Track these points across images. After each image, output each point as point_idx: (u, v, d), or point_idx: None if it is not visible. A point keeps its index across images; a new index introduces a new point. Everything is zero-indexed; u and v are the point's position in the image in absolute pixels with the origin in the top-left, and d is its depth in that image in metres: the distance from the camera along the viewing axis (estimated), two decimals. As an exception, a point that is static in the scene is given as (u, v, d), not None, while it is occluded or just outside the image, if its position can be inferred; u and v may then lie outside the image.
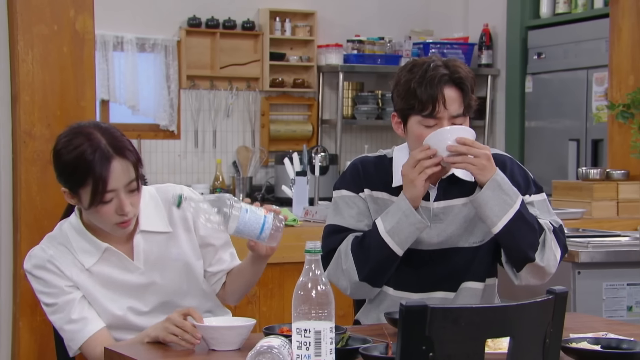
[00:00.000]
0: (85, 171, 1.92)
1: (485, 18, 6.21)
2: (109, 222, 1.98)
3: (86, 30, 2.85)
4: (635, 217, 3.90)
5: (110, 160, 1.93)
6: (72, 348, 2.04)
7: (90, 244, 2.03)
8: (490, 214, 2.04)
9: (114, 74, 5.68)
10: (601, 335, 1.92)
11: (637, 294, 3.10)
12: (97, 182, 1.92)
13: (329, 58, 6.13)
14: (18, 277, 2.77)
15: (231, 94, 6.03)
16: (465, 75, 2.09)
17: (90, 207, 1.96)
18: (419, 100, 2.08)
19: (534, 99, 5.85)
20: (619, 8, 4.10)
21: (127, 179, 1.95)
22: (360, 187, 2.20)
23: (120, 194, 1.95)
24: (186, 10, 5.89)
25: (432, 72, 2.08)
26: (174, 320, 1.88)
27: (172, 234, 2.09)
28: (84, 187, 1.94)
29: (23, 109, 2.78)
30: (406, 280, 2.17)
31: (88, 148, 1.93)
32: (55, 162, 1.99)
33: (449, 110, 2.08)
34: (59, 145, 1.99)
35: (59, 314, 2.02)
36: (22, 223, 2.77)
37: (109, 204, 1.95)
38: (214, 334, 1.86)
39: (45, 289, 2.02)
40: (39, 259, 2.03)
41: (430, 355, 1.40)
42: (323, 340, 1.56)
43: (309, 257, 1.59)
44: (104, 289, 2.04)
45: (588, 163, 5.33)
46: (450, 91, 2.08)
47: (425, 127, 2.10)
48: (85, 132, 1.96)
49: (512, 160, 2.22)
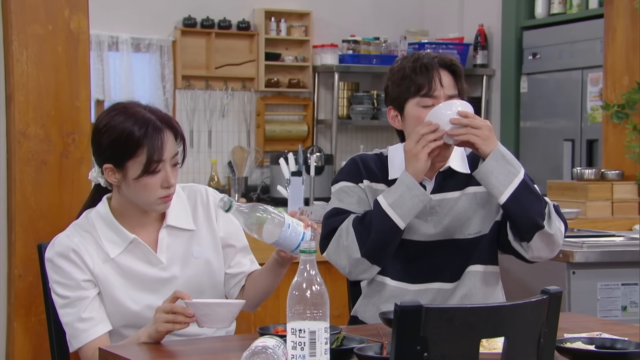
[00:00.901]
0: (139, 140, 1.97)
1: (481, 18, 6.21)
2: (153, 195, 2.00)
3: (81, 30, 2.84)
4: (630, 217, 3.90)
5: (163, 130, 1.99)
6: (73, 346, 2.03)
7: (117, 234, 2.04)
8: (497, 182, 2.06)
9: (109, 74, 5.67)
10: (595, 335, 1.92)
11: (631, 294, 3.11)
12: (152, 151, 1.97)
13: (324, 58, 6.14)
14: (13, 278, 2.76)
15: (226, 94, 6.03)
16: (455, 62, 2.17)
17: (140, 177, 1.98)
18: (415, 82, 2.14)
19: (529, 99, 5.86)
20: (614, 9, 4.11)
21: (174, 151, 2.02)
22: (359, 179, 2.23)
23: (167, 166, 2.00)
24: (181, 11, 5.89)
25: (425, 59, 2.16)
26: (163, 308, 1.89)
27: (196, 232, 2.11)
28: (134, 158, 1.97)
29: (17, 109, 2.78)
30: (403, 271, 2.19)
31: (139, 120, 1.99)
32: (102, 137, 2.01)
33: (445, 90, 2.14)
34: (104, 120, 2.02)
35: (69, 308, 2.01)
36: (16, 223, 2.76)
37: (157, 175, 1.99)
38: (205, 310, 1.86)
39: (61, 279, 2.01)
40: (63, 247, 2.03)
41: (424, 355, 1.40)
42: (318, 341, 1.56)
43: (303, 257, 1.59)
44: (124, 280, 2.04)
45: (583, 163, 5.34)
46: (444, 74, 2.15)
47: (423, 108, 2.14)
48: (130, 108, 2.03)
49: None
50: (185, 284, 2.07)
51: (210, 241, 2.13)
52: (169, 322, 1.87)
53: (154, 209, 2.04)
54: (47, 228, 2.84)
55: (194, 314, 1.87)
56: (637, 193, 3.97)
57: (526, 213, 2.08)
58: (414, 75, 2.13)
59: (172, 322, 1.87)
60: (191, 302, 1.88)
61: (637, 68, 4.00)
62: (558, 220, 2.15)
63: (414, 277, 2.20)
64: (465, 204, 2.19)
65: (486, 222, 2.21)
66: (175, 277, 2.08)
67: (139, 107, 2.03)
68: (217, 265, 2.13)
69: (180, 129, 2.04)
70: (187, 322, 1.87)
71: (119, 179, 2.02)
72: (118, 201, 2.06)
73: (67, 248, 2.02)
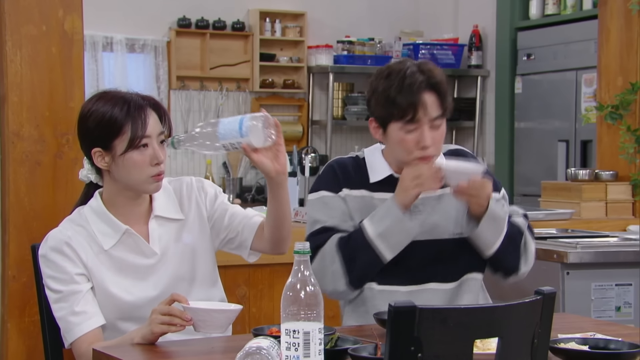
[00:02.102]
0: (124, 117, 2.00)
1: (475, 19, 6.22)
2: (144, 173, 2.02)
3: (75, 30, 2.84)
4: (624, 217, 3.91)
5: (145, 107, 2.03)
6: (67, 340, 2.03)
7: (109, 225, 2.06)
8: (485, 242, 2.18)
9: (103, 75, 5.67)
10: (589, 335, 1.92)
11: (625, 294, 3.11)
12: (136, 126, 1.99)
13: (319, 59, 6.14)
14: (6, 279, 2.76)
15: (221, 95, 6.02)
16: (440, 80, 2.15)
17: (126, 152, 2.00)
18: (399, 107, 2.12)
19: (523, 100, 5.87)
20: (608, 10, 4.12)
21: (159, 129, 2.04)
22: (338, 187, 2.23)
23: (153, 142, 2.02)
24: (176, 11, 5.88)
25: (410, 79, 2.12)
26: (159, 310, 1.89)
27: (185, 220, 2.12)
28: (120, 136, 2.00)
29: (11, 109, 2.77)
30: (391, 273, 2.18)
31: (120, 100, 2.03)
32: (87, 122, 2.05)
33: (429, 115, 2.13)
34: (87, 106, 2.06)
35: (63, 302, 2.01)
36: (10, 224, 2.75)
37: (145, 151, 2.01)
38: (204, 316, 1.86)
39: (55, 273, 2.02)
40: (56, 241, 2.04)
41: (418, 356, 1.40)
42: (312, 341, 1.56)
43: (298, 258, 1.59)
44: (118, 272, 2.05)
45: (577, 164, 5.35)
46: (428, 96, 2.13)
47: (406, 133, 2.14)
48: (113, 92, 2.07)
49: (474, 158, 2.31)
50: (177, 272, 2.08)
51: (200, 229, 2.14)
52: (164, 324, 1.87)
53: (146, 188, 2.05)
54: (41, 229, 2.83)
55: (191, 318, 1.86)
56: (631, 194, 3.97)
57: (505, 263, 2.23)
58: (398, 99, 2.11)
59: (167, 324, 1.87)
60: (189, 307, 1.88)
61: (631, 69, 4.01)
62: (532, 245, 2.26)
63: (404, 279, 2.19)
64: (449, 203, 2.21)
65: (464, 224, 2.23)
66: (166, 265, 2.09)
67: (122, 91, 2.07)
68: (206, 253, 2.14)
69: (163, 107, 2.07)
70: (184, 325, 1.87)
71: (109, 162, 2.04)
72: (109, 191, 2.08)
73: (60, 242, 2.03)
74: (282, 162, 2.00)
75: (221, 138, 1.95)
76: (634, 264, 3.12)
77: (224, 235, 2.17)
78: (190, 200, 2.14)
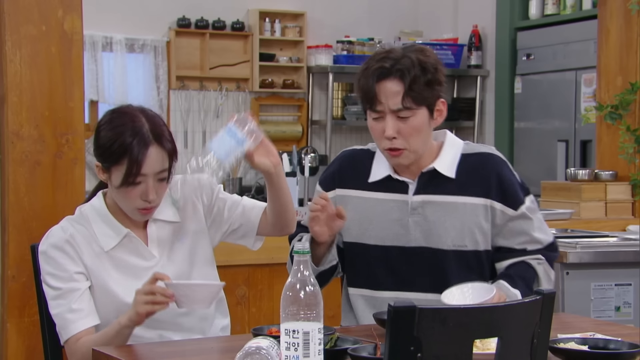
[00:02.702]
0: (123, 151, 1.97)
1: (475, 19, 6.22)
2: (132, 205, 2.02)
3: (74, 30, 2.84)
4: (623, 217, 3.91)
5: (148, 145, 1.98)
6: (63, 337, 2.04)
7: (111, 228, 2.07)
8: None
9: (102, 75, 5.67)
10: (589, 335, 1.92)
11: (625, 294, 3.11)
12: (132, 164, 1.97)
13: (318, 59, 6.14)
14: (6, 279, 2.76)
15: (221, 95, 6.02)
16: (407, 66, 2.03)
17: (119, 187, 2.00)
18: (362, 93, 2.08)
19: (523, 100, 5.87)
20: (607, 10, 4.12)
21: (160, 168, 2.01)
22: (332, 186, 2.23)
23: (149, 181, 2.00)
24: (175, 11, 5.88)
25: (372, 65, 2.06)
26: (142, 290, 1.91)
27: (182, 223, 2.13)
28: (117, 166, 1.99)
29: (11, 109, 2.77)
30: (382, 279, 2.15)
31: (130, 129, 1.99)
32: (96, 137, 2.04)
33: (388, 105, 2.05)
34: (103, 120, 2.05)
35: (61, 300, 2.02)
36: (9, 224, 2.75)
37: (137, 187, 1.99)
38: (185, 291, 1.87)
39: (54, 271, 2.03)
40: (57, 238, 2.04)
41: (418, 356, 1.40)
42: (311, 341, 1.56)
43: (297, 258, 1.59)
44: (117, 273, 2.05)
45: (577, 164, 5.35)
46: (390, 84, 2.05)
47: (373, 120, 2.10)
48: (130, 114, 2.02)
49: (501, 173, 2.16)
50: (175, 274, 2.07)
51: (196, 229, 2.14)
52: (148, 303, 1.88)
53: (133, 216, 2.07)
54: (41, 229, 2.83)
55: (174, 294, 1.87)
56: (631, 194, 3.97)
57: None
58: (361, 84, 2.07)
59: (151, 303, 1.88)
60: (170, 282, 1.89)
61: (630, 69, 4.01)
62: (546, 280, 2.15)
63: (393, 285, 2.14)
64: (453, 211, 2.12)
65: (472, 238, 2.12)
66: (166, 269, 2.09)
67: (139, 115, 2.02)
68: (203, 253, 2.14)
69: (172, 146, 2.02)
70: (167, 302, 1.88)
71: (106, 180, 2.05)
72: (112, 196, 2.09)
73: (61, 239, 2.04)
74: (275, 153, 2.04)
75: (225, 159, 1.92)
76: (634, 264, 3.12)
77: (226, 228, 2.18)
78: (186, 200, 2.14)
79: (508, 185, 2.16)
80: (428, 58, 2.07)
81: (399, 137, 2.07)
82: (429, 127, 2.12)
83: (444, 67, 2.12)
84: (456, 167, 2.16)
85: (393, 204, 2.15)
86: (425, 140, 2.13)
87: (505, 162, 2.20)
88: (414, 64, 2.04)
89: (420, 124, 2.08)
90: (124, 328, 1.94)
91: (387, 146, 2.09)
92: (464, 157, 2.17)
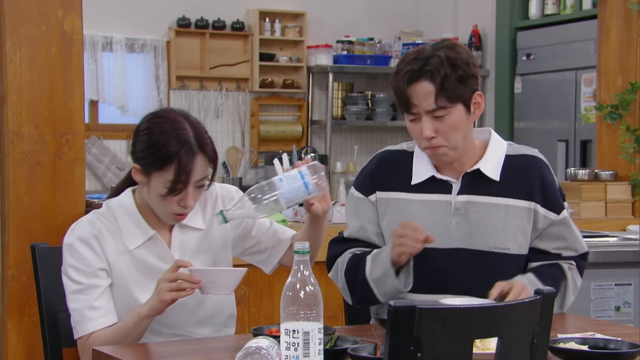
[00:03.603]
0: (169, 159, 1.96)
1: (475, 19, 6.22)
2: (168, 210, 2.02)
3: (74, 30, 2.84)
4: (623, 217, 3.91)
5: (196, 155, 1.98)
6: (79, 332, 2.02)
7: (138, 227, 2.06)
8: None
9: (102, 75, 5.67)
10: (589, 335, 1.92)
11: (625, 294, 3.11)
12: (180, 174, 1.96)
13: (318, 59, 6.14)
14: (6, 279, 2.76)
15: (221, 95, 6.02)
16: (437, 66, 2.00)
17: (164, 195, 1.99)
18: (396, 96, 2.07)
19: (523, 100, 5.87)
20: (607, 9, 4.12)
21: (202, 175, 2.01)
22: (371, 190, 2.16)
23: (189, 188, 2.00)
24: (175, 11, 5.88)
25: (402, 68, 2.05)
26: (166, 277, 1.91)
27: (206, 231, 2.13)
28: (161, 172, 1.98)
29: (11, 109, 2.77)
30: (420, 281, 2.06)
31: (175, 137, 1.98)
32: (139, 140, 2.02)
33: (422, 106, 2.03)
34: (145, 124, 2.03)
35: (81, 295, 2.01)
36: (9, 224, 2.76)
37: (178, 194, 1.99)
38: (212, 277, 1.89)
39: (78, 264, 2.01)
40: (85, 232, 2.03)
41: (418, 356, 1.40)
42: (311, 341, 1.56)
43: (297, 257, 1.59)
44: (137, 273, 2.05)
45: (577, 164, 5.35)
46: (422, 85, 2.02)
47: (410, 122, 2.08)
48: (175, 120, 2.01)
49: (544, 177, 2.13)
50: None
51: (221, 238, 2.14)
52: (173, 290, 1.89)
53: (166, 220, 2.07)
54: (41, 229, 2.83)
55: (200, 280, 1.88)
56: (631, 193, 3.98)
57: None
58: (394, 87, 2.06)
59: (176, 290, 1.89)
60: (196, 269, 1.91)
61: (630, 69, 4.01)
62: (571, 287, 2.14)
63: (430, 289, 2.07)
64: (495, 213, 2.08)
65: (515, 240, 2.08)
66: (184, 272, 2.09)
67: (183, 122, 2.01)
68: (223, 262, 2.14)
69: (214, 154, 2.03)
70: (193, 288, 1.89)
71: (143, 182, 2.04)
72: (142, 196, 2.08)
73: (89, 234, 2.03)
74: (328, 201, 2.06)
75: (287, 202, 1.93)
76: (634, 263, 3.12)
77: (250, 245, 2.18)
78: (214, 210, 2.13)
79: (551, 190, 2.12)
80: (458, 54, 2.04)
81: (437, 135, 2.04)
82: (467, 122, 2.08)
83: (477, 59, 2.10)
84: (501, 169, 2.12)
85: (435, 204, 2.10)
86: (466, 136, 2.09)
87: (548, 166, 2.17)
88: (442, 63, 2.01)
89: (458, 120, 2.04)
90: (144, 318, 1.94)
91: (426, 145, 2.07)
92: (508, 158, 2.14)
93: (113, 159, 5.72)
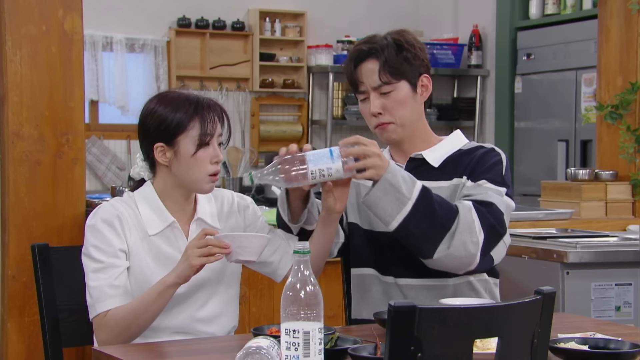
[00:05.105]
0: (190, 115, 2.03)
1: (475, 19, 6.22)
2: (204, 170, 2.05)
3: (75, 30, 2.84)
4: (624, 217, 3.92)
5: (210, 108, 2.06)
6: (96, 310, 2.03)
7: (158, 215, 2.08)
8: (384, 214, 1.97)
9: (103, 74, 5.67)
10: (589, 335, 1.92)
11: (625, 294, 3.12)
12: (205, 123, 2.03)
13: (319, 58, 6.14)
14: (6, 278, 2.76)
15: (221, 95, 6.02)
16: (382, 46, 2.11)
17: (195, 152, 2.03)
18: (347, 80, 2.19)
19: (523, 100, 5.87)
20: (607, 9, 4.12)
21: (220, 130, 2.08)
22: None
23: (214, 142, 2.06)
24: (176, 11, 5.88)
25: (353, 52, 2.17)
26: (194, 244, 1.94)
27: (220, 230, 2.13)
28: (186, 132, 2.03)
29: (11, 109, 2.78)
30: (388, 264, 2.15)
31: (187, 100, 2.06)
32: (151, 120, 2.06)
33: (368, 83, 2.14)
34: (153, 103, 2.08)
35: (101, 273, 2.02)
36: (10, 224, 2.76)
37: (207, 149, 2.04)
38: (242, 242, 1.92)
39: (100, 244, 2.04)
40: (108, 214, 2.06)
41: (418, 356, 1.40)
42: (312, 341, 1.56)
43: (297, 257, 1.59)
44: (151, 260, 2.07)
45: (577, 163, 5.35)
46: (367, 64, 2.13)
47: (360, 102, 2.19)
48: (178, 91, 2.12)
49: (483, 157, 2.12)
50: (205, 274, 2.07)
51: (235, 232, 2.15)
52: (202, 256, 1.92)
53: (202, 187, 2.08)
54: (41, 228, 2.83)
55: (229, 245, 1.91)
56: (631, 193, 3.98)
57: (416, 242, 1.99)
58: (346, 74, 2.18)
59: (206, 255, 1.92)
60: (224, 234, 1.95)
61: (631, 69, 4.02)
62: (468, 233, 1.98)
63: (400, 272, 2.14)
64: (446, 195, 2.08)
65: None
66: None
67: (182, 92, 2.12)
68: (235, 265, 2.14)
69: (224, 108, 2.10)
70: (223, 253, 1.92)
71: (170, 158, 2.06)
72: (163, 185, 2.10)
73: (112, 215, 2.06)
74: (344, 203, 2.06)
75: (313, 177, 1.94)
76: (634, 263, 3.12)
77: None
78: (229, 216, 2.16)
79: (481, 165, 2.12)
80: (404, 37, 2.15)
81: (384, 112, 2.14)
82: (414, 102, 2.15)
83: (424, 46, 2.19)
84: (445, 159, 2.16)
85: None
86: (414, 115, 2.15)
87: (497, 153, 2.14)
88: (388, 43, 2.13)
89: (404, 97, 2.13)
90: (169, 287, 1.96)
91: (375, 123, 2.16)
92: (460, 151, 2.18)
93: (113, 158, 5.72)
